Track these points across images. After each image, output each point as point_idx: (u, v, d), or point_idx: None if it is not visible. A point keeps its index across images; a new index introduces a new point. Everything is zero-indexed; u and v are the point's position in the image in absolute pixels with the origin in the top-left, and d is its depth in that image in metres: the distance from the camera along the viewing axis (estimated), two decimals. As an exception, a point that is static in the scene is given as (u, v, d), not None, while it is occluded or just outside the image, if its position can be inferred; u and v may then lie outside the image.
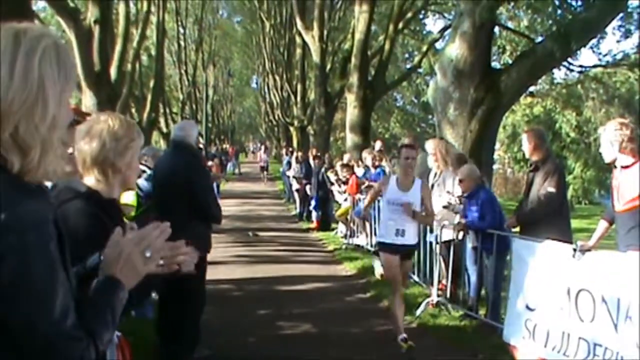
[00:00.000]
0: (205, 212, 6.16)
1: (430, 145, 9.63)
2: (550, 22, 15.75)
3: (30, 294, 1.50)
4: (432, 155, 9.41)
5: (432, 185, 9.49)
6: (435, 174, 9.47)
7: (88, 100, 15.78)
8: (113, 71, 18.63)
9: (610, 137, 5.97)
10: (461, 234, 8.40)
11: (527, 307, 6.67)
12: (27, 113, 1.58)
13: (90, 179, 2.70)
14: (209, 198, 6.23)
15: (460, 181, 8.17)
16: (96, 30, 16.16)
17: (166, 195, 5.98)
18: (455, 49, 12.84)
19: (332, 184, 16.74)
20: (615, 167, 6.08)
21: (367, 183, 13.44)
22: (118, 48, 20.33)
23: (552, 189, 7.17)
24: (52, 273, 1.55)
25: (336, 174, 16.40)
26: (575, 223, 8.92)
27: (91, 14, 16.43)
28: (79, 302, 1.70)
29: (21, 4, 7.04)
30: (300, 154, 24.40)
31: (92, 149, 2.65)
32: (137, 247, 1.89)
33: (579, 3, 14.73)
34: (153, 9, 29.44)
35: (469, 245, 8.23)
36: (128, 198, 6.45)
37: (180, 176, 5.95)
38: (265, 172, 38.99)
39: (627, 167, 5.92)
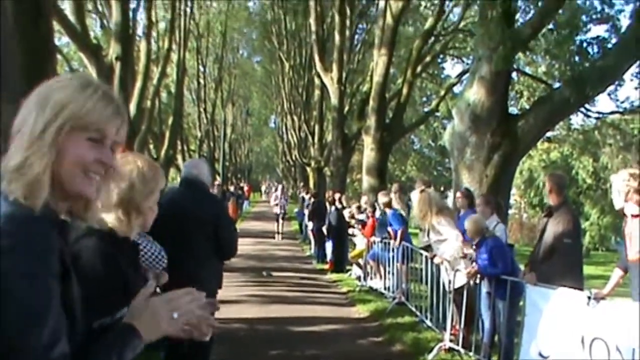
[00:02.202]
0: (225, 249, 6.15)
1: (413, 198, 9.72)
2: (567, 68, 15.80)
3: (15, 318, 1.48)
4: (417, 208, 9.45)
5: (428, 231, 9.53)
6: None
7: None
8: (132, 107, 18.93)
9: (618, 187, 6.09)
10: (476, 278, 8.36)
11: (540, 355, 6.62)
12: None
13: (110, 217, 2.64)
14: (234, 236, 6.24)
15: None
16: (117, 66, 16.43)
17: (186, 233, 5.94)
18: (473, 94, 12.90)
19: (349, 225, 16.65)
20: (626, 215, 6.08)
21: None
22: (138, 85, 20.70)
23: (568, 240, 7.13)
24: (40, 300, 1.52)
25: (356, 214, 16.32)
26: (591, 270, 8.87)
27: (113, 50, 16.74)
28: (88, 340, 1.72)
29: (44, 40, 7.16)
30: (308, 195, 24.32)
31: (121, 189, 2.62)
32: (166, 305, 1.90)
33: (596, 50, 14.79)
34: (174, 47, 29.93)
35: (484, 290, 8.16)
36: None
37: (206, 214, 5.91)
38: (281, 221, 28.00)
39: (637, 215, 5.92)
